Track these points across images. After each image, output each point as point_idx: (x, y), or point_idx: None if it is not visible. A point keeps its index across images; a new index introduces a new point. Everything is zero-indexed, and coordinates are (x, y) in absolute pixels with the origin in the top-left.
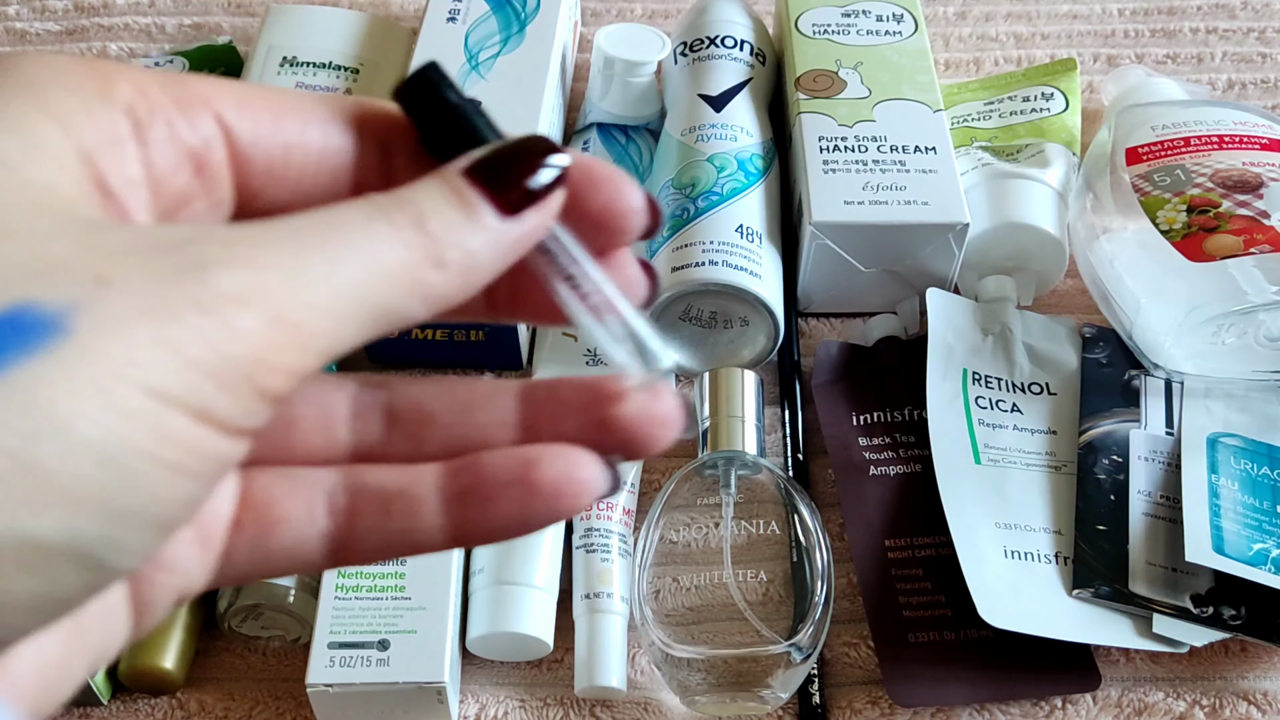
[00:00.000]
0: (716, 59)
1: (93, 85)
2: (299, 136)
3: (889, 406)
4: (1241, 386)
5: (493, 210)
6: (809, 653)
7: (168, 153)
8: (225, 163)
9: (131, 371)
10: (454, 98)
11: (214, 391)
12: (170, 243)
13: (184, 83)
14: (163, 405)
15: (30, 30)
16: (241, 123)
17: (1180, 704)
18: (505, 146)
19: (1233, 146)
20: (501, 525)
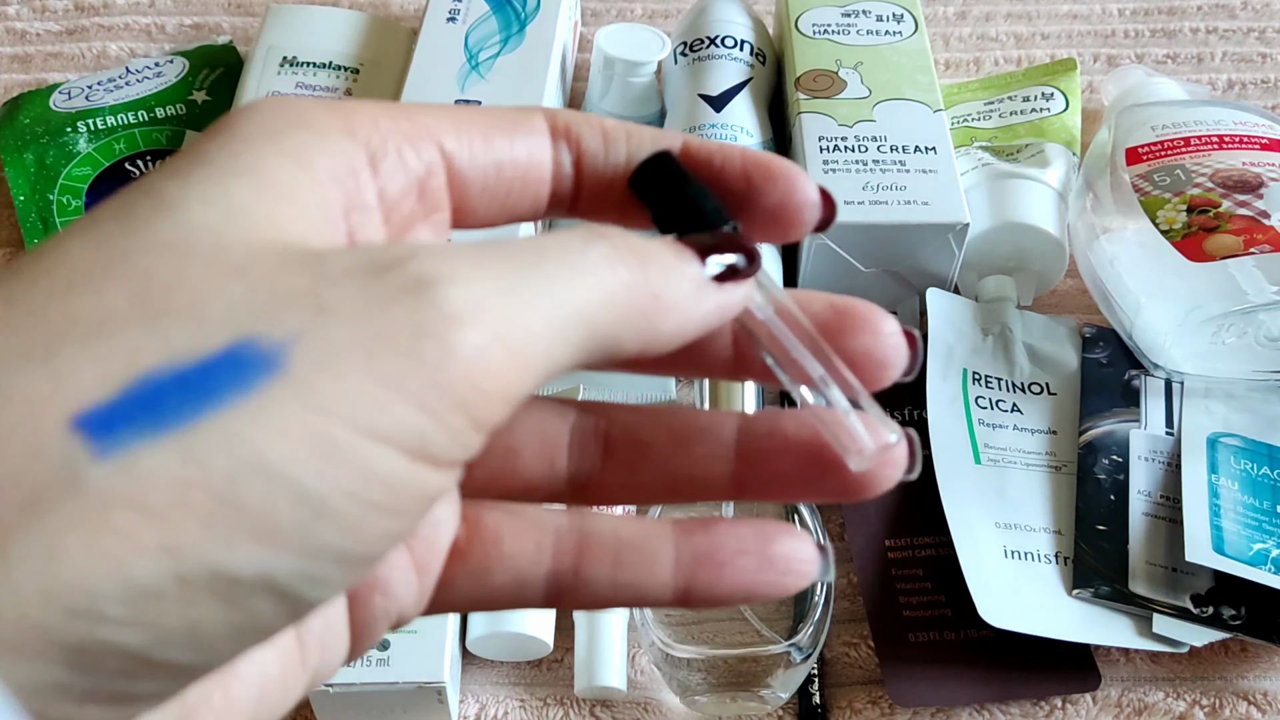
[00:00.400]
0: (716, 59)
1: (334, 123)
2: (508, 153)
3: (889, 406)
4: (1242, 386)
5: (702, 268)
6: (809, 652)
7: (398, 180)
8: (444, 187)
9: (344, 409)
10: (685, 186)
11: (430, 426)
12: (388, 261)
13: (410, 114)
14: (374, 444)
15: (30, 30)
16: (459, 147)
17: (1180, 704)
18: (724, 236)
19: (1233, 146)
20: (729, 592)
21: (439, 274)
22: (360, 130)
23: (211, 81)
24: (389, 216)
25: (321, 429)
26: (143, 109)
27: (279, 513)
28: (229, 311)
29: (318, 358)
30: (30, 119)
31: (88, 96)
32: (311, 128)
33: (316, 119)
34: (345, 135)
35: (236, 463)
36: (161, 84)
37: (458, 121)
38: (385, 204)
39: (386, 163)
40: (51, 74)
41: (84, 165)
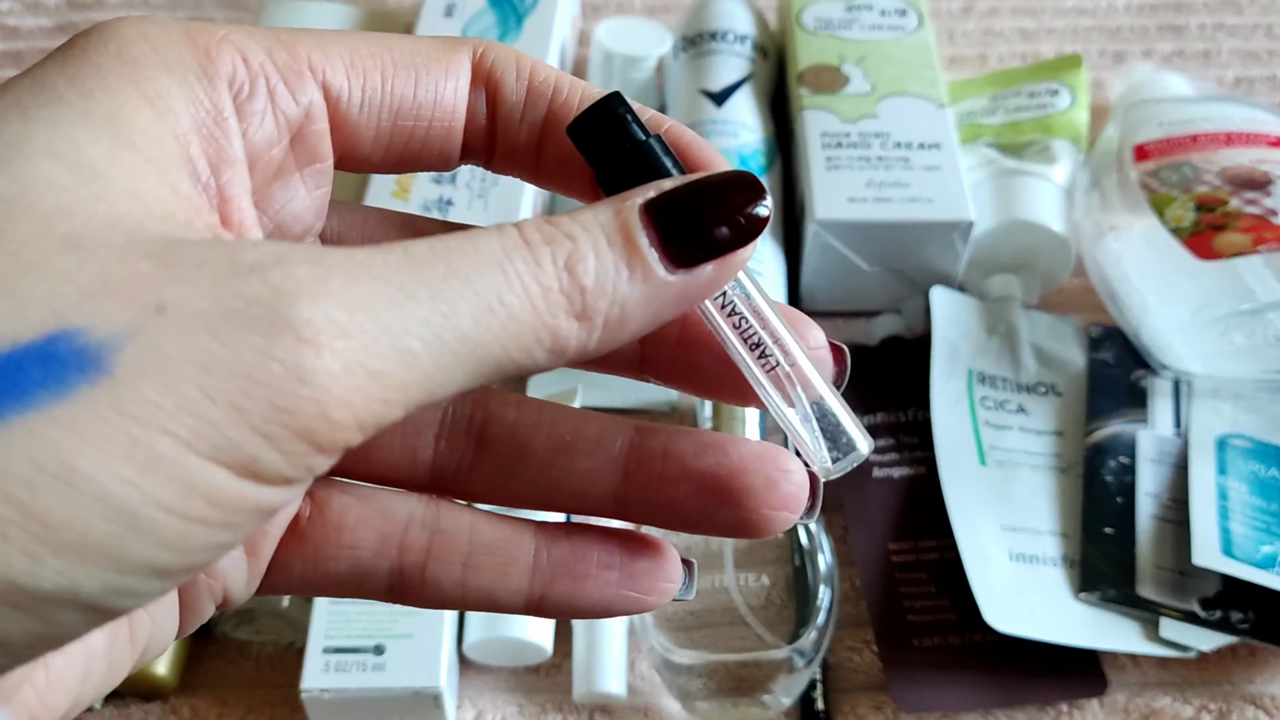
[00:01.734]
0: (718, 54)
1: (194, 59)
2: (409, 96)
3: (893, 407)
4: (1250, 387)
5: (662, 261)
6: (811, 658)
7: (266, 126)
8: (326, 132)
9: (168, 421)
10: (639, 134)
11: (261, 446)
12: (250, 264)
13: (291, 46)
14: (198, 458)
15: (22, 26)
16: (351, 87)
17: (1188, 709)
18: (705, 181)
19: (1241, 144)
20: (585, 606)
21: (302, 287)
22: (225, 66)
23: None
24: (254, 164)
25: (141, 439)
26: None
27: (87, 526)
28: (53, 291)
29: (146, 363)
30: None
31: None
32: (171, 66)
33: (178, 53)
34: (210, 75)
35: (40, 471)
36: None
37: (353, 55)
38: (251, 151)
39: (254, 104)
40: None
41: None
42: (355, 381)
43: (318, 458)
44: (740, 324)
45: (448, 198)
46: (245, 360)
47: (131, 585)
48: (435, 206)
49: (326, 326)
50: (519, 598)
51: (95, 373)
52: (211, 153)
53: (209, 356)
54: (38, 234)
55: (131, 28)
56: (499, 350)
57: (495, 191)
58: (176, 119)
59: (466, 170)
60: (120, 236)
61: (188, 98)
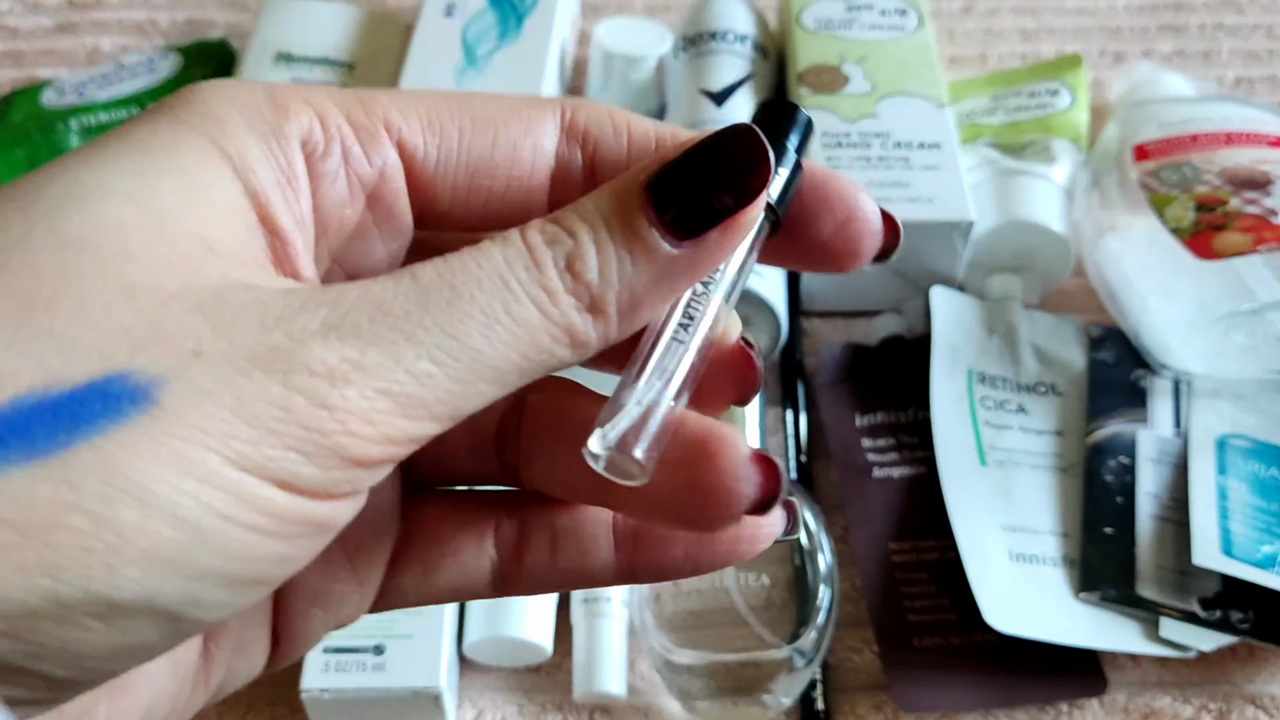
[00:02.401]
0: (718, 54)
1: (271, 118)
2: (485, 153)
3: (893, 407)
4: (1251, 387)
5: (665, 238)
6: (812, 658)
7: (339, 185)
8: (403, 191)
9: (211, 441)
10: (787, 145)
11: (298, 462)
12: (278, 315)
13: (369, 106)
14: (243, 473)
15: (22, 26)
16: (427, 146)
17: (1188, 708)
18: (699, 145)
19: (1241, 143)
20: (674, 567)
21: (317, 334)
22: (302, 127)
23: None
24: (327, 224)
25: (193, 457)
26: (135, 105)
27: (159, 535)
28: (109, 341)
29: (188, 396)
30: (22, 116)
31: (80, 93)
32: (251, 125)
33: (259, 113)
34: (285, 135)
35: (111, 487)
36: (154, 80)
37: (431, 113)
38: (324, 210)
39: (327, 163)
40: (43, 70)
41: None
42: (374, 404)
43: (356, 471)
44: (702, 289)
45: None
46: (272, 393)
47: (202, 594)
48: None
49: (339, 364)
50: (608, 571)
51: (146, 403)
52: (280, 209)
53: (241, 390)
54: (101, 279)
55: (219, 90)
56: (517, 357)
57: None
58: (251, 175)
59: None
60: (175, 283)
61: (263, 155)
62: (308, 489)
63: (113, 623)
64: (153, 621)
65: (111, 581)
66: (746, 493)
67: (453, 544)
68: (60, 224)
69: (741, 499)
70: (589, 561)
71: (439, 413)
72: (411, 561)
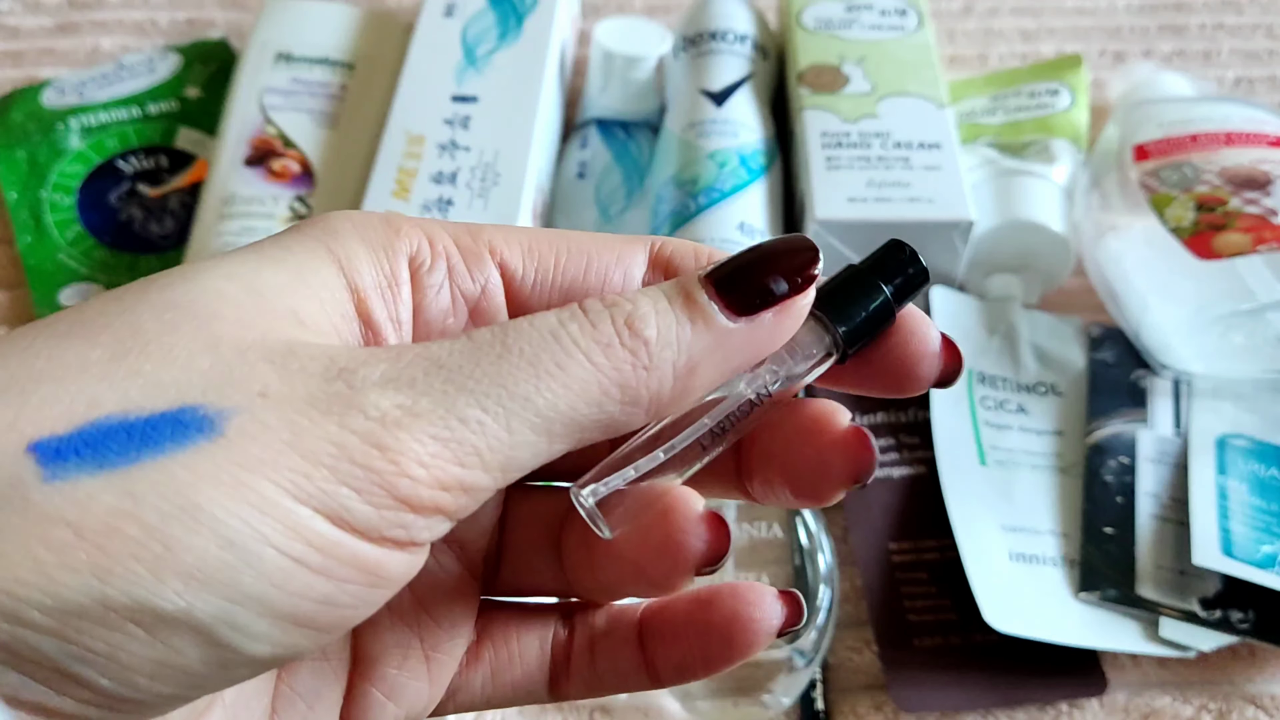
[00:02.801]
0: (718, 54)
1: (383, 234)
2: (579, 278)
3: (893, 407)
4: (1251, 386)
5: (721, 311)
6: (812, 657)
7: (443, 297)
8: (504, 308)
9: (268, 470)
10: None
11: (351, 497)
12: (343, 367)
13: (475, 232)
14: (296, 503)
15: (22, 26)
16: (526, 268)
17: (1188, 708)
18: (757, 247)
19: (1241, 143)
20: (688, 665)
21: (374, 384)
22: (410, 244)
23: (205, 78)
24: (429, 329)
25: (249, 484)
26: (135, 105)
27: (205, 552)
28: (187, 382)
29: (250, 429)
30: (22, 116)
31: (80, 93)
32: (365, 239)
33: (374, 231)
34: (394, 248)
35: (169, 503)
36: (154, 80)
37: (532, 241)
38: (424, 317)
39: (433, 276)
40: (43, 70)
41: (76, 163)
42: (426, 449)
43: (408, 515)
44: (749, 407)
45: (448, 198)
46: (328, 431)
47: (242, 619)
48: (435, 206)
49: (392, 410)
50: (639, 673)
51: (212, 433)
52: (377, 306)
53: (300, 428)
54: (191, 334)
55: (344, 213)
56: (568, 409)
57: (495, 191)
58: (357, 276)
59: (466, 169)
60: (254, 337)
61: (369, 261)
62: (359, 526)
63: (155, 633)
64: (194, 640)
65: (156, 590)
66: (695, 547)
67: (518, 644)
68: (164, 294)
69: (691, 554)
70: (622, 662)
71: (490, 461)
72: (480, 662)
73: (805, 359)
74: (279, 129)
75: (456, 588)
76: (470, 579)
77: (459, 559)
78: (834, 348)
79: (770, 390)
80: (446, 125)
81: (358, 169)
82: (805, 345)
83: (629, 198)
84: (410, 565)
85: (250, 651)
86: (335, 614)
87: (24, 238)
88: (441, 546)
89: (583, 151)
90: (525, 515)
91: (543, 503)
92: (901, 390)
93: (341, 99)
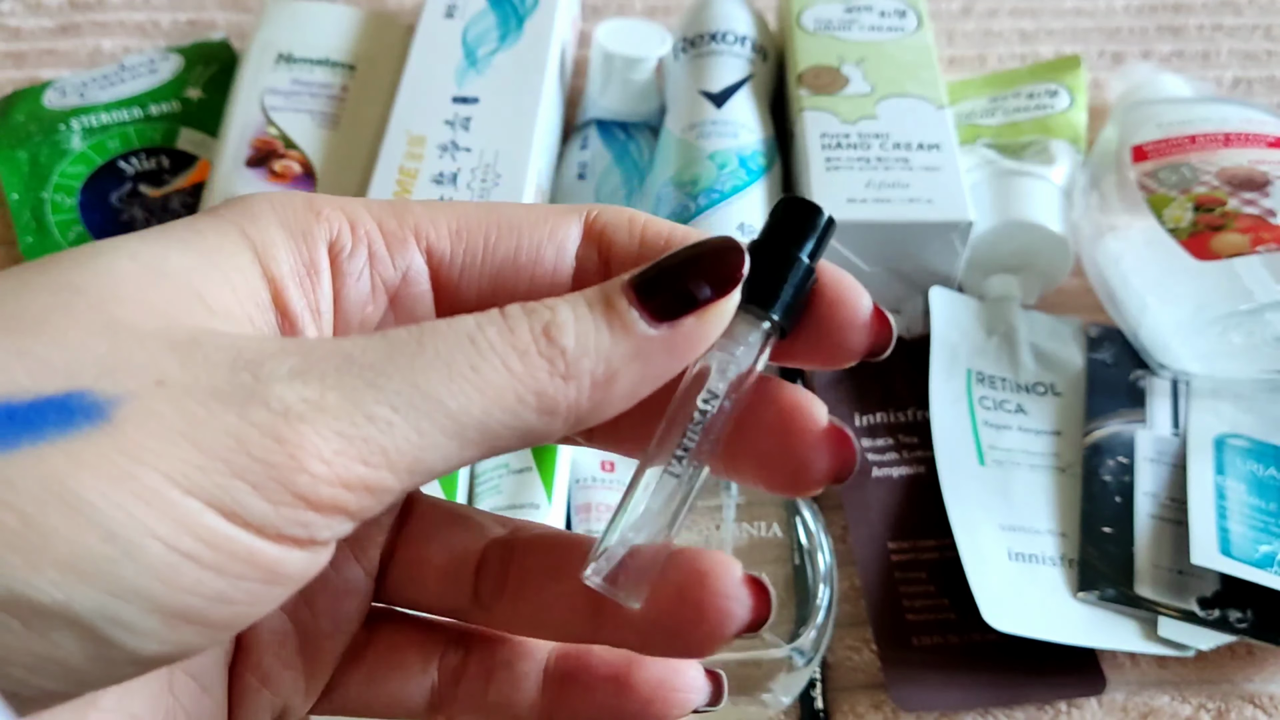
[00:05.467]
0: (718, 55)
1: (303, 218)
2: (509, 258)
3: (892, 407)
4: (1249, 387)
5: (642, 318)
6: (811, 657)
7: (362, 283)
8: (427, 295)
9: (158, 461)
10: (796, 252)
11: (245, 491)
12: (250, 358)
13: (401, 214)
14: (186, 495)
15: (24, 27)
16: (454, 252)
17: (1186, 708)
18: (682, 251)
19: (1239, 144)
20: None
21: (281, 376)
22: (331, 229)
23: (207, 78)
24: (347, 317)
25: (135, 474)
26: (137, 106)
27: (85, 544)
28: (79, 364)
29: (141, 418)
30: (23, 117)
31: (81, 94)
32: (284, 223)
33: (294, 214)
34: (313, 234)
35: (47, 491)
36: (156, 81)
37: (459, 221)
38: (344, 305)
39: (353, 263)
40: (45, 71)
41: (78, 163)
42: (330, 445)
43: (307, 513)
44: (700, 416)
45: (449, 198)
46: (226, 422)
47: (126, 615)
48: None
49: (297, 403)
50: (533, 713)
51: (98, 419)
52: (294, 294)
53: (196, 418)
54: (86, 315)
55: (263, 195)
56: (479, 412)
57: (496, 192)
58: (271, 261)
59: (467, 170)
60: (157, 322)
61: (287, 247)
62: (255, 522)
63: (33, 626)
64: (75, 635)
65: (30, 581)
66: (738, 614)
67: (402, 658)
68: (61, 273)
69: (733, 620)
70: (516, 698)
71: (397, 462)
72: (361, 665)
73: (748, 349)
74: (280, 130)
75: (344, 584)
76: (365, 580)
77: (354, 557)
78: (771, 328)
79: (724, 394)
80: (447, 126)
81: (359, 170)
82: (742, 335)
83: (629, 199)
84: (311, 563)
85: (136, 648)
86: (229, 611)
87: (25, 238)
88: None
89: (583, 152)
90: (425, 531)
91: (450, 525)
92: (834, 361)
93: (342, 100)
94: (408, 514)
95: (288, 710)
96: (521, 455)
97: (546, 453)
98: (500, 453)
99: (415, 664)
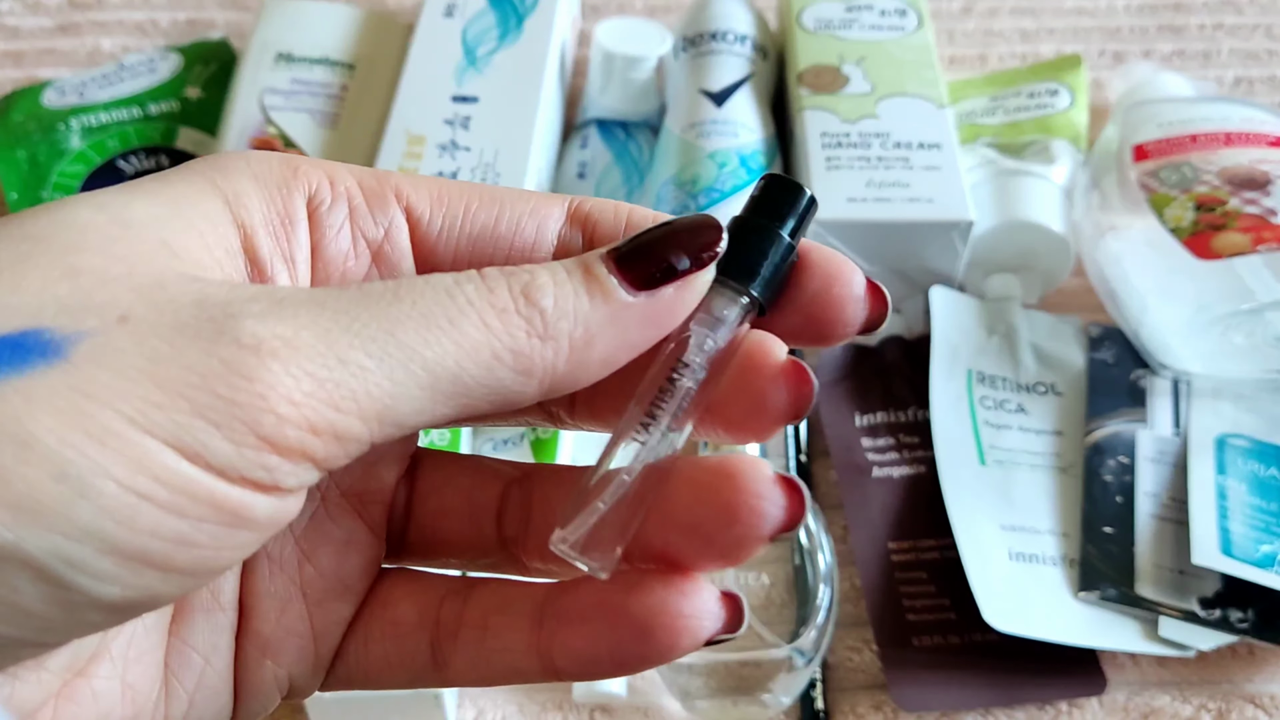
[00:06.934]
0: (718, 54)
1: (279, 173)
2: (489, 225)
3: (893, 407)
4: (1250, 386)
5: (621, 286)
6: (811, 657)
7: (343, 237)
8: (408, 252)
9: (116, 399)
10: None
11: (207, 432)
12: (221, 300)
13: (383, 178)
14: (144, 435)
15: (22, 26)
16: (433, 214)
17: (1187, 708)
18: (661, 225)
19: (1240, 144)
20: (589, 656)
21: (252, 313)
22: (309, 183)
23: (206, 78)
24: (327, 269)
25: (90, 412)
26: (136, 105)
27: (38, 484)
28: (38, 306)
29: (100, 355)
30: (22, 116)
31: (80, 93)
32: (258, 176)
33: (268, 168)
34: (290, 186)
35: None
36: (155, 80)
37: (441, 190)
38: (324, 257)
39: (333, 216)
40: (44, 70)
41: (77, 163)
42: (300, 385)
43: (272, 456)
44: (673, 384)
45: None
46: (190, 357)
47: (80, 556)
48: None
49: (269, 338)
50: (530, 657)
51: (55, 357)
52: (265, 243)
53: (159, 354)
54: (47, 263)
55: (239, 152)
56: (455, 367)
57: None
58: (245, 211)
59: (467, 169)
60: (120, 269)
61: (260, 197)
62: (216, 464)
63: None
64: (29, 577)
65: None
66: (772, 513)
67: (399, 609)
68: (22, 226)
69: (767, 520)
70: (513, 640)
71: (368, 409)
72: (359, 628)
73: (726, 322)
74: (280, 129)
75: (349, 542)
76: (370, 536)
77: (356, 512)
78: (750, 303)
79: (699, 366)
80: (447, 125)
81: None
82: (719, 309)
83: (629, 198)
84: (279, 510)
85: (97, 593)
86: (193, 555)
87: None
88: (336, 496)
89: (583, 151)
90: (439, 482)
91: (463, 473)
92: (827, 337)
93: (342, 99)
94: (416, 469)
95: (295, 685)
96: (521, 456)
97: (546, 453)
98: (474, 416)
99: (409, 620)
